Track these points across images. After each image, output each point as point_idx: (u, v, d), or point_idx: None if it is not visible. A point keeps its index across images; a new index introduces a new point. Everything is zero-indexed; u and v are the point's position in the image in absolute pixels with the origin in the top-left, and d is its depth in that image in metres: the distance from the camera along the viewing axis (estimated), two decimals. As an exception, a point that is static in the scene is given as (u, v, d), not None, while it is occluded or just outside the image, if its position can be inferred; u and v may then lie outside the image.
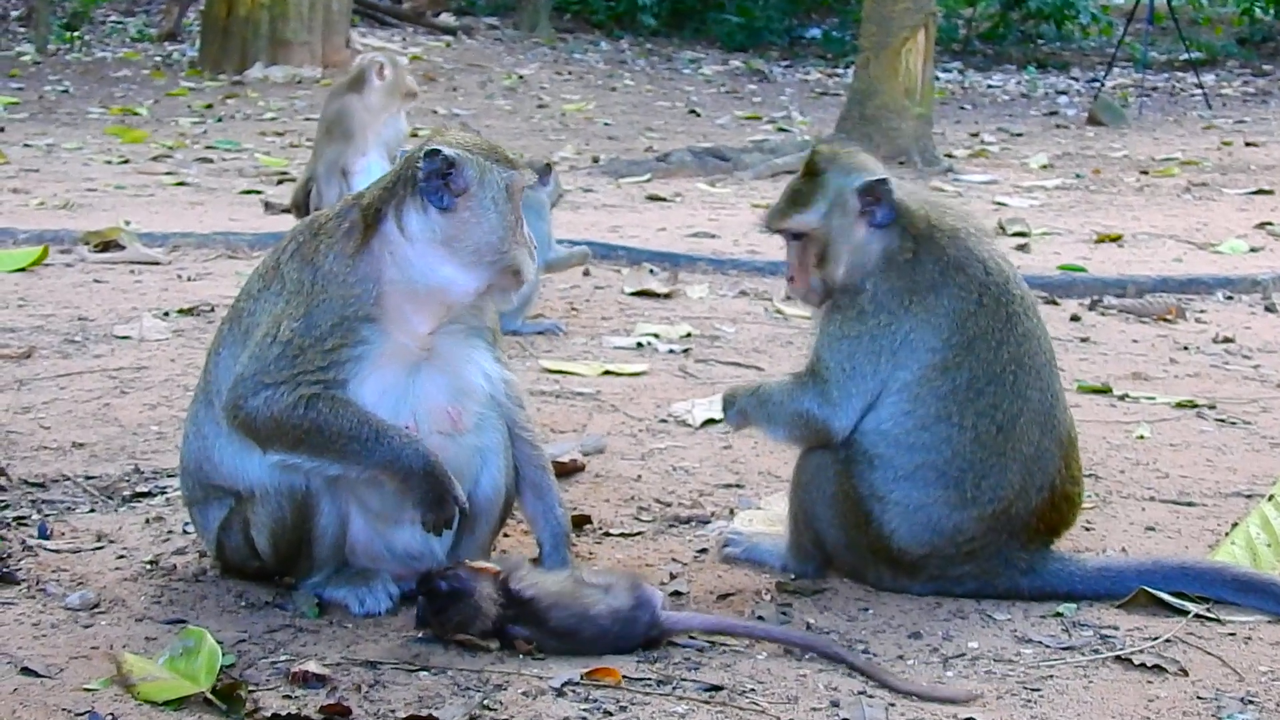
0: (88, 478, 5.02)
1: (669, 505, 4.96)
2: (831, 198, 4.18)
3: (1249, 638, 3.88)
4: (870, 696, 3.50)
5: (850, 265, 4.16)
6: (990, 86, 25.29)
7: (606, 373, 6.72)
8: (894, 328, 4.08)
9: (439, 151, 3.87)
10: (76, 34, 25.61)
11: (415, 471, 3.84)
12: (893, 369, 4.08)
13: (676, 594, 4.20)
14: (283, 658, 3.63)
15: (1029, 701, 3.51)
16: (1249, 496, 5.11)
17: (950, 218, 4.23)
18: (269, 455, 3.91)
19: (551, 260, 7.66)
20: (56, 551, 4.35)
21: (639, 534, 4.68)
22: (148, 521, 4.64)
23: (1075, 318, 8.27)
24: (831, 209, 4.18)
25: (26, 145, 15.88)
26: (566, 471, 5.10)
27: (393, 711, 3.38)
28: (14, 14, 27.81)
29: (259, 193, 12.79)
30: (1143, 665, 3.70)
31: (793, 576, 4.30)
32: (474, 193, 3.90)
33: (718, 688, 3.52)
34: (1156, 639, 3.85)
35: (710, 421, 5.90)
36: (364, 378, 3.90)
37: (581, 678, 3.53)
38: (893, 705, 3.46)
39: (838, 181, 4.20)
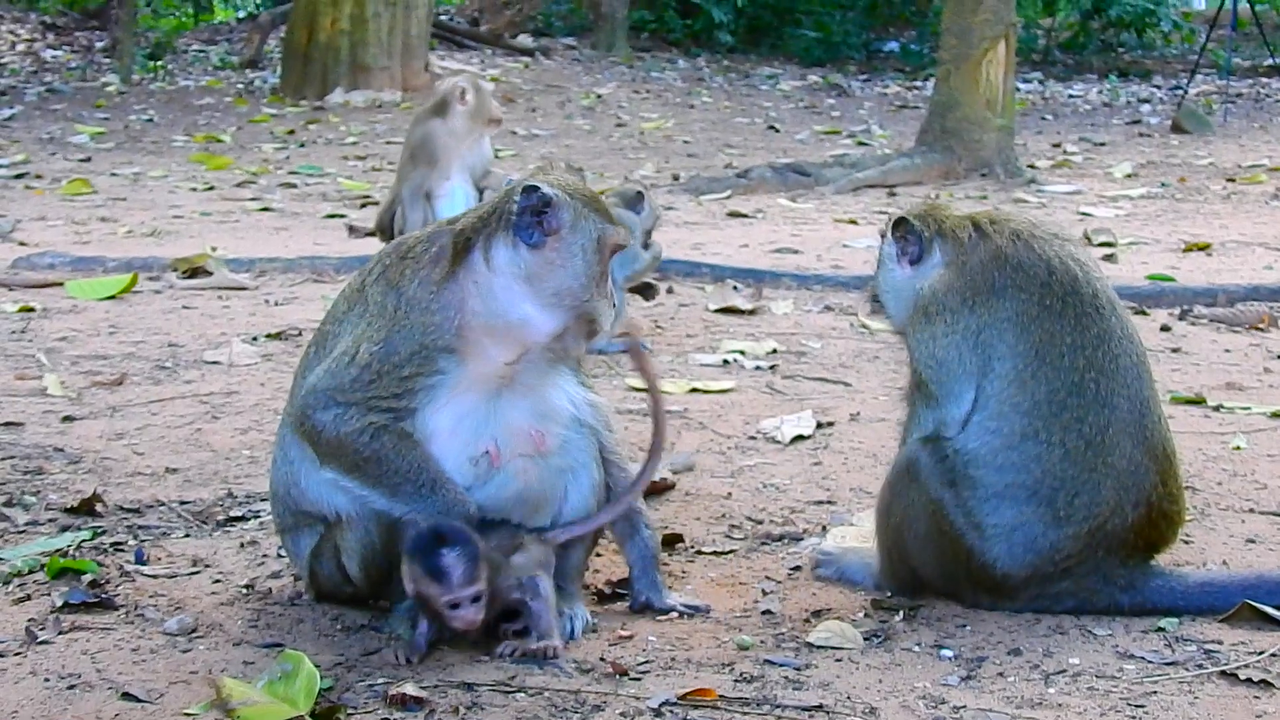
0: (182, 503, 5.07)
1: (760, 523, 4.93)
2: (879, 253, 4.36)
3: (1358, 652, 3.80)
4: (985, 711, 3.45)
5: (901, 303, 4.26)
6: (1071, 96, 25.08)
7: (693, 390, 6.71)
8: (962, 324, 4.06)
9: (537, 188, 3.88)
10: (160, 64, 25.99)
11: None
12: (977, 368, 4.03)
13: (768, 612, 4.17)
14: (380, 680, 3.63)
15: (1134, 718, 3.44)
16: (1352, 507, 5.02)
17: (1012, 221, 4.22)
18: (323, 471, 3.94)
19: (631, 274, 7.62)
20: (153, 577, 4.39)
21: (731, 552, 4.66)
22: (242, 546, 4.67)
23: (1165, 328, 8.16)
24: (880, 263, 4.35)
25: (113, 174, 16.11)
26: (656, 490, 5.09)
27: (490, 733, 3.38)
28: (99, 45, 28.26)
29: (342, 217, 12.90)
30: (1249, 680, 3.62)
31: (888, 594, 4.26)
32: (565, 235, 3.91)
33: (818, 707, 3.49)
34: (1262, 654, 3.77)
35: (799, 438, 5.88)
36: (441, 404, 3.90)
37: (679, 698, 3.51)
38: (994, 724, 3.43)
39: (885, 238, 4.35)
